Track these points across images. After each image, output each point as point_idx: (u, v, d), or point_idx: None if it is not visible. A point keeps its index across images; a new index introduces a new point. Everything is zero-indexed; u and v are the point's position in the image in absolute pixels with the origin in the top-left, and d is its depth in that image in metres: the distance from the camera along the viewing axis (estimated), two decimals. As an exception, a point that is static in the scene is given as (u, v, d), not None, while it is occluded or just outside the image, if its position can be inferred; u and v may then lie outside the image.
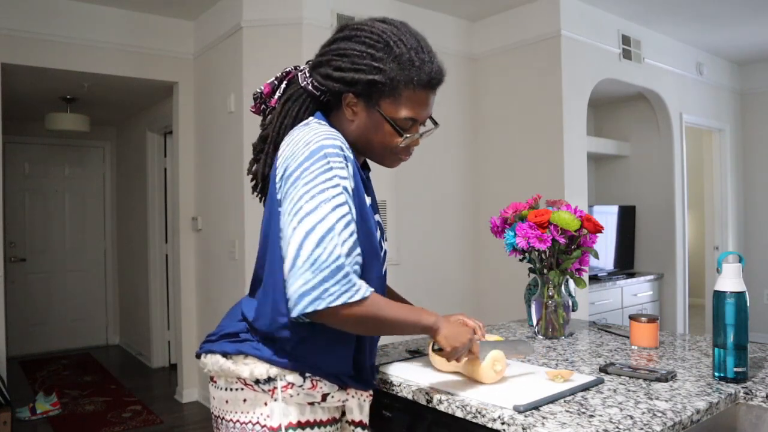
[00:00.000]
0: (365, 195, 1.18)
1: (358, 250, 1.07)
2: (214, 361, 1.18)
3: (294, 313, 1.02)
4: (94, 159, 6.28)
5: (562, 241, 1.68)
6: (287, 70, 1.26)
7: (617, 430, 1.00)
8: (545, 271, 1.76)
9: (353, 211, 1.08)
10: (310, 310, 1.01)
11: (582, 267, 1.78)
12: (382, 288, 1.24)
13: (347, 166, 1.10)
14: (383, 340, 1.39)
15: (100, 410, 4.05)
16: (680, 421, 1.05)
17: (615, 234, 4.80)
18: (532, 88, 3.84)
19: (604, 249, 4.72)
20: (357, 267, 1.06)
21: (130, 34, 3.82)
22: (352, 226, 1.06)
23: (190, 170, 4.16)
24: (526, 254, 1.76)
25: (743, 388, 1.24)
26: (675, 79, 4.75)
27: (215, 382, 1.21)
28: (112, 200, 6.33)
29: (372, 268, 1.16)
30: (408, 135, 1.18)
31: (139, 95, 4.73)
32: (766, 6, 4.00)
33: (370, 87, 1.13)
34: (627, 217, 4.92)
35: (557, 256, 1.74)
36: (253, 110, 1.30)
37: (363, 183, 1.19)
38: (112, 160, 6.34)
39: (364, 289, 1.05)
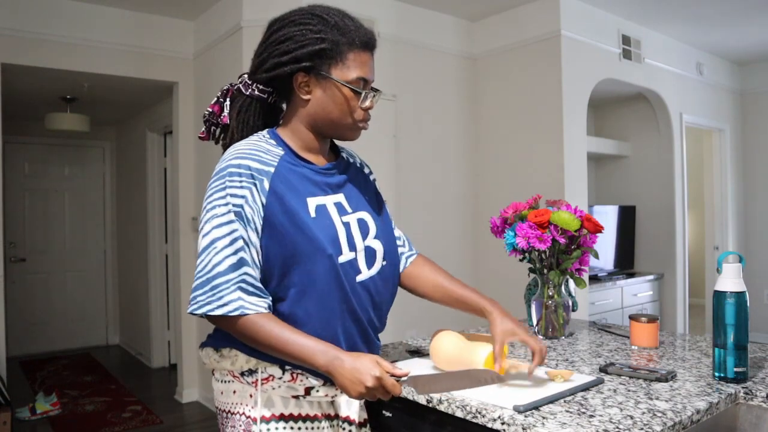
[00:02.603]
0: (311, 198, 1.17)
1: (246, 269, 1.10)
2: (205, 354, 1.23)
3: None
4: (94, 159, 6.28)
5: (562, 241, 1.68)
6: (225, 88, 1.30)
7: (617, 430, 1.00)
8: (545, 271, 1.76)
9: (246, 229, 1.11)
10: (188, 311, 1.11)
11: (582, 267, 1.77)
12: (364, 289, 1.21)
13: (254, 185, 1.13)
14: (383, 339, 1.39)
15: (100, 410, 4.05)
16: (680, 421, 1.05)
17: (615, 234, 4.80)
18: (532, 88, 3.84)
19: (604, 249, 4.72)
20: (242, 283, 1.09)
21: (130, 34, 3.82)
22: (238, 244, 1.10)
23: (190, 170, 4.16)
24: (526, 254, 1.76)
25: (743, 388, 1.24)
26: (675, 79, 4.75)
27: (214, 374, 1.25)
28: (112, 200, 6.33)
29: (319, 269, 1.14)
30: (365, 92, 1.20)
31: (139, 95, 4.73)
32: (766, 6, 4.00)
33: (319, 57, 1.16)
34: (627, 217, 4.92)
35: (557, 256, 1.74)
36: (203, 136, 1.32)
37: (316, 184, 1.19)
38: (112, 160, 6.34)
39: (233, 307, 1.07)
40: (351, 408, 1.24)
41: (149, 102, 4.99)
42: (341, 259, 1.17)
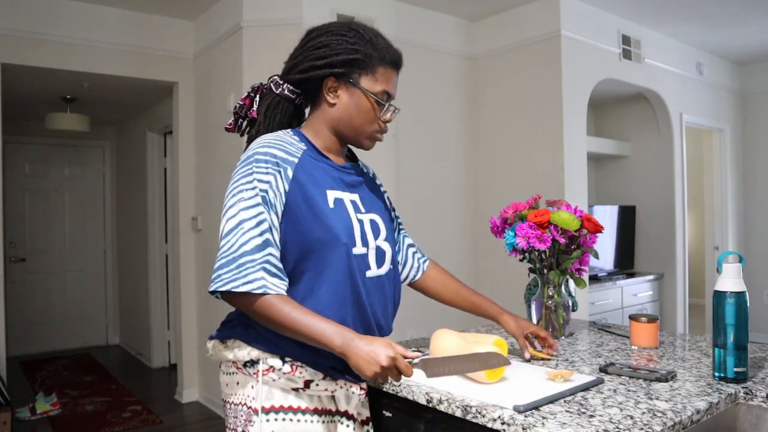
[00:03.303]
0: (330, 190, 1.24)
1: (270, 250, 1.15)
2: (211, 346, 1.28)
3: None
4: (94, 159, 6.28)
5: (562, 241, 1.68)
6: (257, 85, 1.35)
7: (617, 430, 1.00)
8: (545, 271, 1.75)
9: (270, 213, 1.17)
10: (209, 290, 1.14)
11: (582, 267, 1.77)
12: (373, 284, 1.26)
13: (279, 172, 1.19)
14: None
15: (100, 410, 4.05)
16: (680, 421, 1.05)
17: (615, 234, 4.79)
18: (532, 88, 3.84)
19: (604, 249, 4.72)
20: (266, 264, 1.13)
21: (130, 34, 3.82)
22: (264, 226, 1.15)
23: (190, 170, 4.16)
24: (526, 254, 1.76)
25: (743, 388, 1.24)
26: (675, 79, 4.75)
27: (221, 367, 1.29)
28: (112, 200, 6.33)
29: (334, 257, 1.20)
30: (387, 104, 1.28)
31: (139, 95, 4.72)
32: (766, 6, 4.00)
33: (351, 66, 1.25)
34: (627, 217, 4.92)
35: (557, 256, 1.73)
36: (229, 127, 1.38)
37: (335, 180, 1.27)
38: (112, 160, 6.34)
39: (257, 285, 1.11)
40: (350, 403, 1.27)
41: (149, 102, 4.99)
42: (354, 251, 1.23)
